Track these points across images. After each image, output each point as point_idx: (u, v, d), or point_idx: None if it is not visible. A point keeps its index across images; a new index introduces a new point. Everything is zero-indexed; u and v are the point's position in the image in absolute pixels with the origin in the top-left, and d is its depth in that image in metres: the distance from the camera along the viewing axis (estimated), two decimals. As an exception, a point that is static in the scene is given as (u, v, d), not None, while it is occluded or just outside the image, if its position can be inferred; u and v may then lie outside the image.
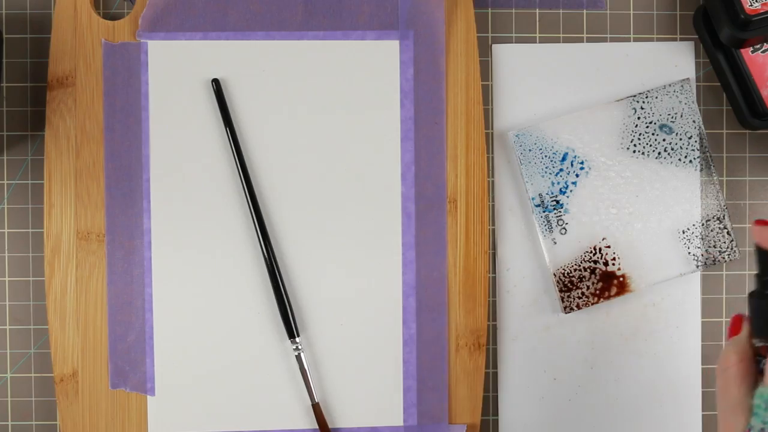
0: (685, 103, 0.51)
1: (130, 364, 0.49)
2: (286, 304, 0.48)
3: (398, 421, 0.50)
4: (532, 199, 0.51)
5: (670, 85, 0.51)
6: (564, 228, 0.51)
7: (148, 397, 0.49)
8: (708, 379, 0.53)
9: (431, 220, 0.50)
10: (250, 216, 0.49)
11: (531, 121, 0.52)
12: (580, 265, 0.51)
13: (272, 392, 0.49)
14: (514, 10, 0.52)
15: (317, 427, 0.49)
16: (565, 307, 0.51)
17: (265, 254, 0.49)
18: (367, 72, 0.50)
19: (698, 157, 0.51)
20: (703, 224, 0.51)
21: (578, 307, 0.51)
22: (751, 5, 0.46)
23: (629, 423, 0.52)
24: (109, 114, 0.49)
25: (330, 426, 0.49)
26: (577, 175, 0.51)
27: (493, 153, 0.52)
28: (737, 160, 0.53)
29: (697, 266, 0.51)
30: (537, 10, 0.52)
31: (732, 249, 0.51)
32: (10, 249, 0.51)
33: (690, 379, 0.52)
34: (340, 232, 0.50)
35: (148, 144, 0.49)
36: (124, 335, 0.49)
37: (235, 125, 0.49)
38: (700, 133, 0.51)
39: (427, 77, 0.50)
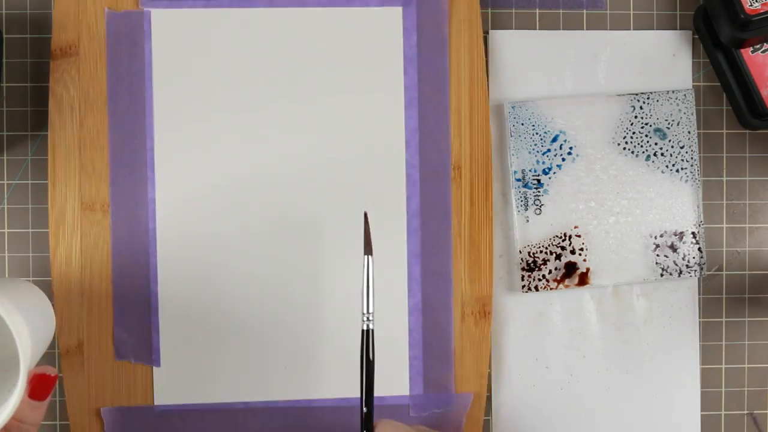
0: (684, 113, 0.51)
1: (135, 336, 0.49)
2: None
3: (404, 390, 0.50)
4: (515, 173, 0.51)
5: (673, 92, 0.51)
6: (539, 208, 0.51)
7: (154, 368, 0.49)
8: (707, 379, 0.53)
9: (436, 187, 0.50)
10: (254, 181, 0.49)
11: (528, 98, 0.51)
12: (547, 248, 0.51)
13: (279, 362, 0.49)
14: (514, 10, 0.52)
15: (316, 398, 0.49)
16: (523, 286, 0.51)
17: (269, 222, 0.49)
18: (370, 39, 0.50)
19: (686, 168, 0.51)
20: (676, 234, 0.51)
21: (536, 288, 0.50)
22: (751, 5, 0.46)
23: (622, 414, 0.52)
24: (112, 83, 0.49)
25: (335, 396, 0.49)
26: (563, 159, 0.51)
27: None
28: (737, 160, 0.53)
29: (661, 275, 0.51)
30: (537, 10, 0.52)
31: (700, 266, 0.51)
32: (10, 249, 0.50)
33: (687, 379, 0.52)
34: (345, 201, 0.50)
35: (152, 113, 0.49)
36: (129, 306, 0.49)
37: (237, 92, 0.49)
38: (692, 145, 0.51)
39: (430, 44, 0.50)
